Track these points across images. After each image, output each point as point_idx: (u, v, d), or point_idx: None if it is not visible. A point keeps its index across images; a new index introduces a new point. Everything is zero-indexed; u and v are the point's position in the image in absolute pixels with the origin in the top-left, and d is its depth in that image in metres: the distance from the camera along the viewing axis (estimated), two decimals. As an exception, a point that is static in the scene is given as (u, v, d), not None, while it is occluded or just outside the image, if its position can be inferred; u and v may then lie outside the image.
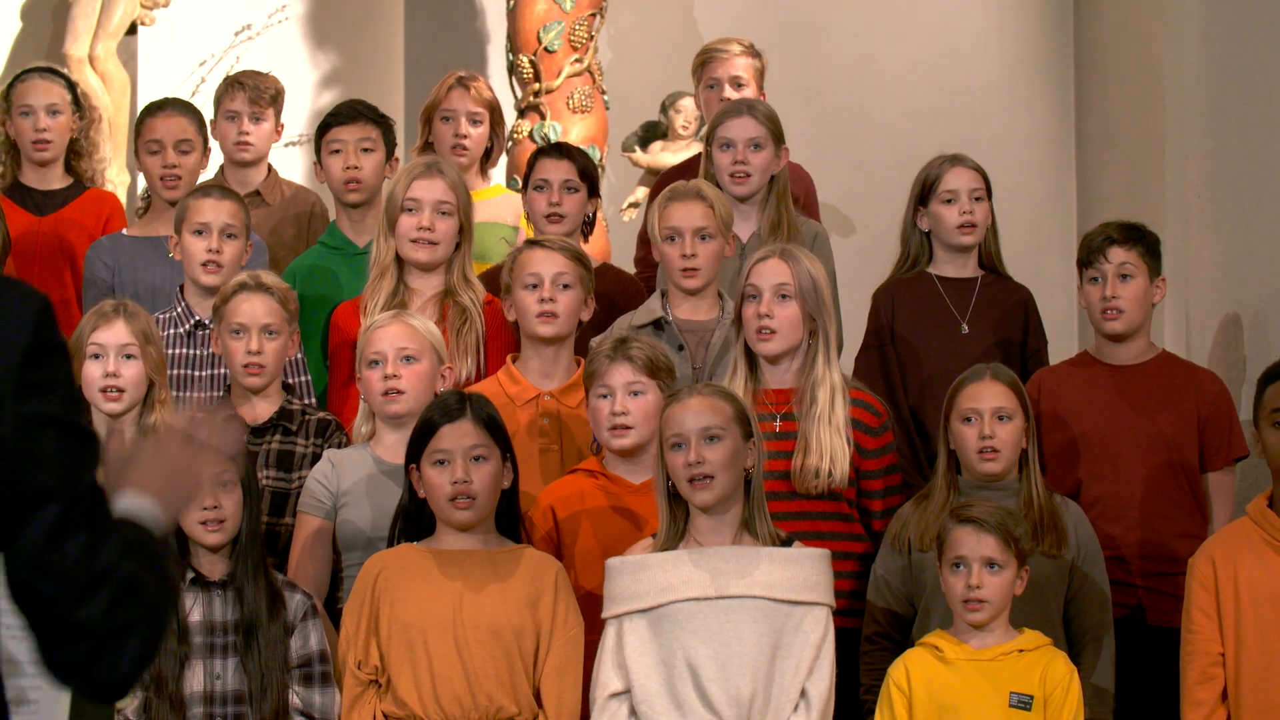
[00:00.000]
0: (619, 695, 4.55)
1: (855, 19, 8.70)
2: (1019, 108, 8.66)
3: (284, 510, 5.20)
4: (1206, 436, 5.33)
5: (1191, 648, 4.85)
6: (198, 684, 4.64)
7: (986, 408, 4.96)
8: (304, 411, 5.31)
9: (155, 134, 6.18)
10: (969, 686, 4.64)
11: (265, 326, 5.26)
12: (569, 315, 5.29)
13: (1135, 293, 5.38)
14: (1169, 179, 6.81)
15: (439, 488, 4.66)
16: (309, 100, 8.35)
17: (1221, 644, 4.83)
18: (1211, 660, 4.83)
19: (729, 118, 5.88)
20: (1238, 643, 4.80)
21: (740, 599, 4.53)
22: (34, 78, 6.56)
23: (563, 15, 7.86)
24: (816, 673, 4.54)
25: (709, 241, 5.46)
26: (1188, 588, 4.89)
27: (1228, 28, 6.14)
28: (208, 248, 5.58)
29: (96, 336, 5.12)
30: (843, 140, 8.52)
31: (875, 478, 5.10)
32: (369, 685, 4.63)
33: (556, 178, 5.84)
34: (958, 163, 5.68)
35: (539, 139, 7.66)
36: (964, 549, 4.65)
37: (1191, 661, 4.85)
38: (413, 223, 5.49)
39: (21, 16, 8.49)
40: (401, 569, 4.65)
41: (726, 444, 4.57)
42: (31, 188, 6.50)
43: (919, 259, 5.73)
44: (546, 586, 4.65)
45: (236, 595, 4.68)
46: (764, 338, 5.06)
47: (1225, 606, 4.81)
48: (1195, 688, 4.83)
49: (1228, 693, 4.82)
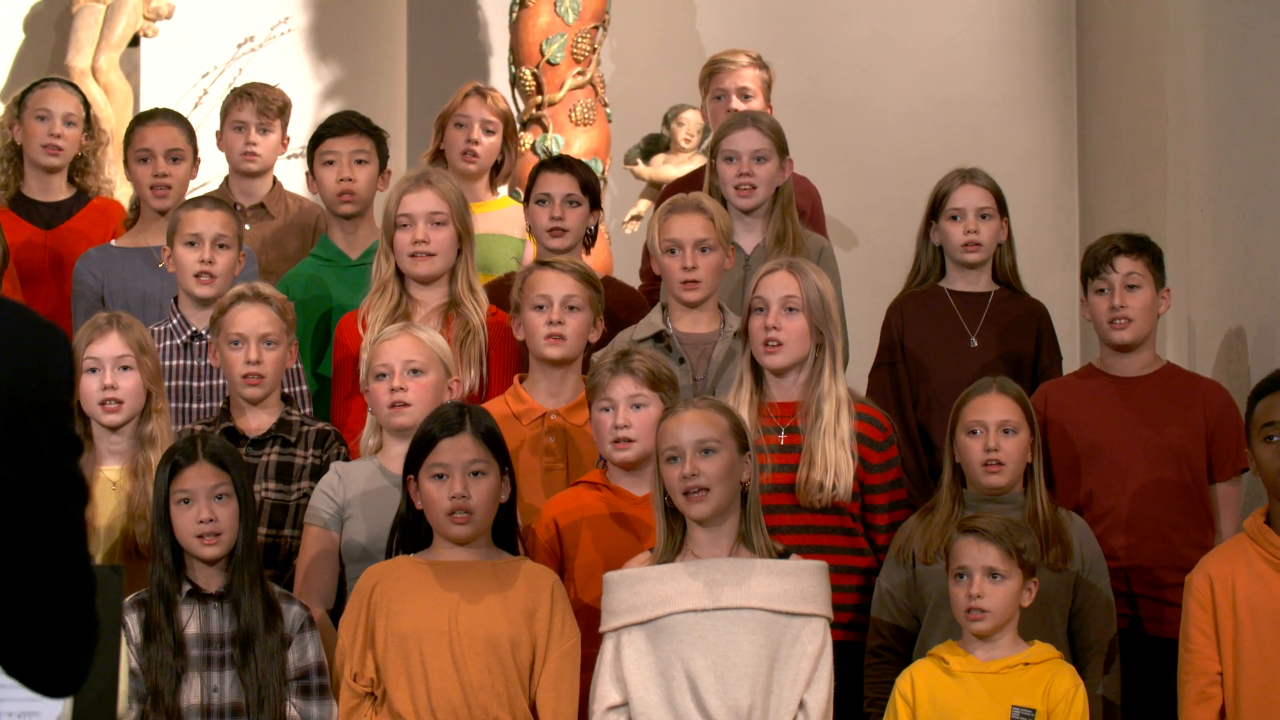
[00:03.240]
0: (618, 708, 4.55)
1: (858, 31, 8.70)
2: (1022, 121, 8.67)
3: (284, 522, 5.19)
4: (1214, 448, 5.32)
5: (1189, 667, 4.82)
6: (195, 697, 4.63)
7: (992, 421, 4.96)
8: (302, 422, 5.31)
9: (145, 143, 6.18)
10: (972, 698, 4.63)
11: (264, 337, 5.26)
12: (577, 337, 5.29)
13: (1143, 303, 5.37)
14: (1171, 192, 6.80)
15: (437, 502, 4.65)
16: (311, 112, 8.35)
17: (1220, 663, 4.80)
18: (1210, 680, 4.79)
19: (733, 130, 5.88)
20: (1236, 661, 4.76)
21: (738, 610, 4.52)
22: (54, 85, 6.60)
23: (565, 28, 7.87)
24: (815, 684, 4.53)
25: (709, 254, 5.46)
26: (1185, 606, 4.86)
27: (1230, 42, 6.14)
28: (200, 259, 5.58)
29: (92, 350, 5.12)
30: (845, 153, 8.52)
31: (879, 492, 5.09)
32: (365, 697, 4.62)
33: (558, 192, 5.84)
34: (968, 180, 5.67)
35: (541, 152, 7.66)
36: (966, 559, 4.65)
37: (1190, 681, 4.81)
38: (408, 237, 5.49)
39: (24, 28, 8.50)
40: (398, 580, 4.65)
41: (722, 457, 4.56)
42: (36, 200, 6.50)
43: (930, 273, 5.73)
44: (543, 598, 4.64)
45: (233, 607, 4.67)
46: (771, 350, 5.05)
47: (1223, 624, 4.78)
48: (1193, 707, 4.80)
49: (1226, 711, 4.79)
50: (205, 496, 4.71)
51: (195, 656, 4.66)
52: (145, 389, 5.14)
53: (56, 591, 2.43)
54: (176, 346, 5.59)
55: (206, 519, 4.69)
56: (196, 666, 4.65)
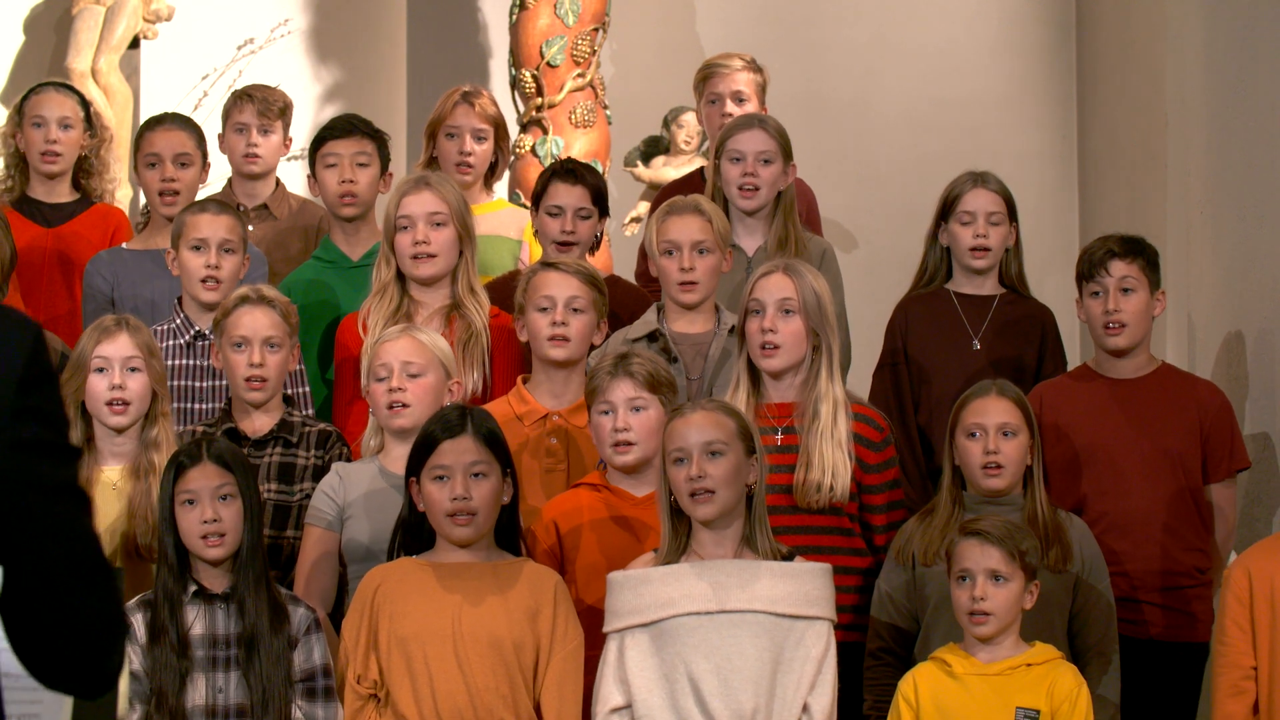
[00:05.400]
0: (620, 710, 4.55)
1: (857, 33, 8.71)
2: (1022, 123, 8.67)
3: (286, 523, 5.19)
4: (1209, 448, 5.32)
5: (1224, 660, 4.82)
6: (199, 698, 4.63)
7: (991, 423, 4.96)
8: (304, 423, 5.31)
9: (154, 148, 6.17)
10: (976, 701, 4.63)
11: (267, 339, 5.26)
12: (581, 339, 5.29)
13: (1137, 306, 5.38)
14: (1171, 194, 6.81)
15: (439, 503, 4.65)
16: (312, 114, 8.35)
17: (1254, 657, 4.80)
18: (1244, 674, 4.79)
19: (740, 131, 5.88)
20: (1271, 656, 4.76)
21: (742, 613, 4.52)
22: (48, 90, 6.58)
23: (565, 30, 7.87)
24: (818, 687, 4.54)
25: (707, 255, 5.46)
26: (1221, 600, 4.86)
27: (1230, 44, 6.15)
28: (206, 263, 5.58)
29: (100, 350, 5.12)
30: (845, 155, 8.53)
31: (877, 493, 5.10)
32: (369, 699, 4.62)
33: (571, 204, 5.80)
34: (979, 184, 5.66)
35: (541, 154, 7.66)
36: (969, 561, 4.66)
37: (1224, 674, 4.81)
38: (409, 239, 5.49)
39: (24, 30, 8.50)
40: (400, 582, 4.65)
41: (728, 459, 4.56)
42: (39, 201, 6.51)
43: (936, 274, 5.73)
44: (546, 599, 4.64)
45: (238, 608, 4.67)
46: (768, 353, 5.06)
47: (1260, 619, 4.77)
48: (1227, 700, 4.80)
49: (1259, 706, 4.78)
50: (210, 497, 4.71)
51: (200, 657, 4.66)
52: (152, 391, 5.14)
53: (66, 589, 2.41)
54: (179, 346, 5.59)
55: (211, 519, 4.69)
56: (201, 667, 4.66)
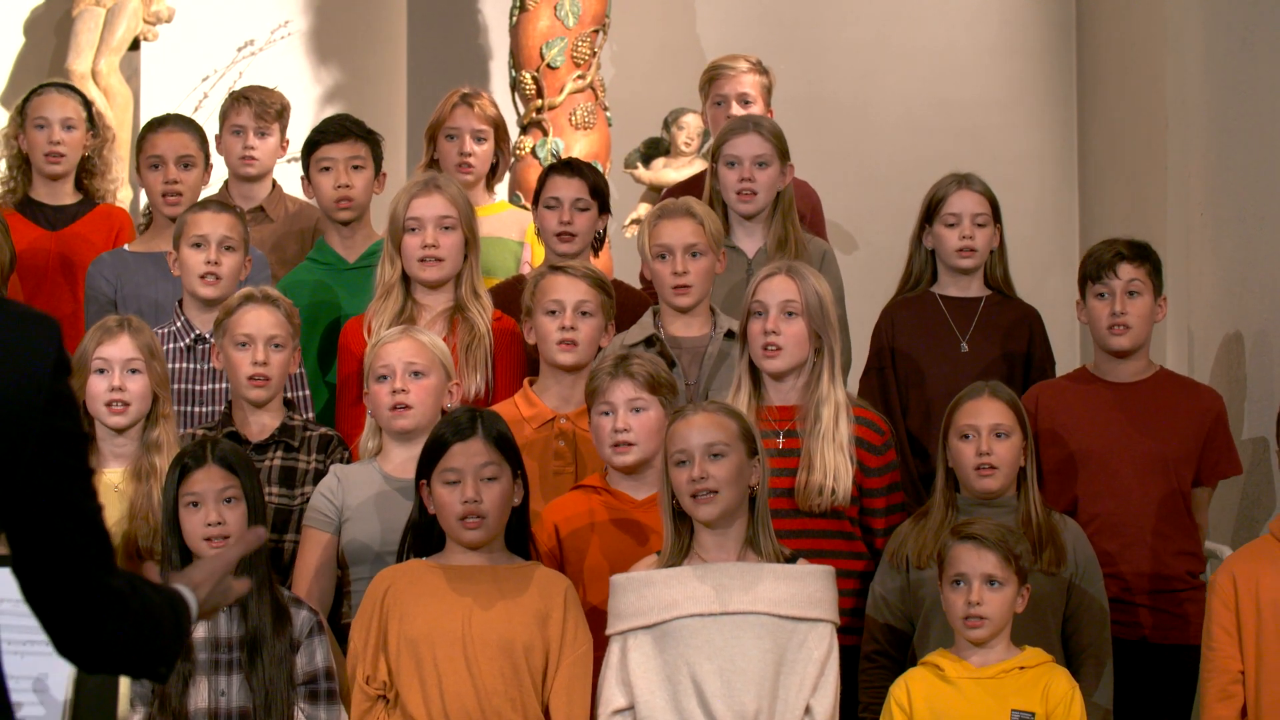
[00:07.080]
0: (623, 711, 4.55)
1: (858, 35, 8.71)
2: (1022, 124, 8.68)
3: (287, 527, 5.19)
4: (1205, 453, 5.33)
5: (1211, 665, 4.83)
6: (202, 701, 4.63)
7: (984, 425, 4.96)
8: (305, 427, 5.31)
9: (157, 150, 6.17)
10: (970, 704, 4.63)
11: (271, 339, 5.26)
12: (589, 343, 5.30)
13: (1142, 310, 5.38)
14: (1171, 197, 6.81)
15: (449, 506, 4.65)
16: (311, 116, 8.34)
17: (1242, 661, 4.81)
18: (1232, 678, 4.81)
19: (735, 135, 5.88)
20: (1258, 660, 4.78)
21: (744, 615, 4.53)
22: (50, 91, 6.58)
23: (565, 31, 7.88)
24: (821, 689, 4.54)
25: (700, 259, 5.47)
26: (1208, 604, 4.87)
27: (1230, 46, 6.15)
28: (206, 260, 5.58)
29: (101, 351, 5.12)
30: (845, 156, 8.53)
31: (878, 496, 5.10)
32: (377, 700, 4.62)
33: (568, 195, 5.82)
34: (964, 185, 5.66)
35: (541, 156, 7.67)
36: (964, 566, 4.66)
37: (1211, 679, 4.83)
38: (417, 241, 5.50)
39: (24, 31, 8.51)
40: (411, 584, 4.65)
41: (730, 460, 4.57)
42: (42, 203, 6.51)
43: (922, 277, 5.73)
44: (556, 604, 4.65)
45: (241, 611, 4.66)
46: (770, 355, 5.06)
47: (1246, 623, 4.79)
48: (1215, 705, 4.81)
49: (1247, 710, 4.80)
50: (214, 499, 4.72)
51: (203, 660, 4.66)
52: (152, 393, 5.15)
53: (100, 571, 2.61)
54: (180, 349, 5.59)
55: (215, 522, 4.70)
56: (204, 670, 4.66)
